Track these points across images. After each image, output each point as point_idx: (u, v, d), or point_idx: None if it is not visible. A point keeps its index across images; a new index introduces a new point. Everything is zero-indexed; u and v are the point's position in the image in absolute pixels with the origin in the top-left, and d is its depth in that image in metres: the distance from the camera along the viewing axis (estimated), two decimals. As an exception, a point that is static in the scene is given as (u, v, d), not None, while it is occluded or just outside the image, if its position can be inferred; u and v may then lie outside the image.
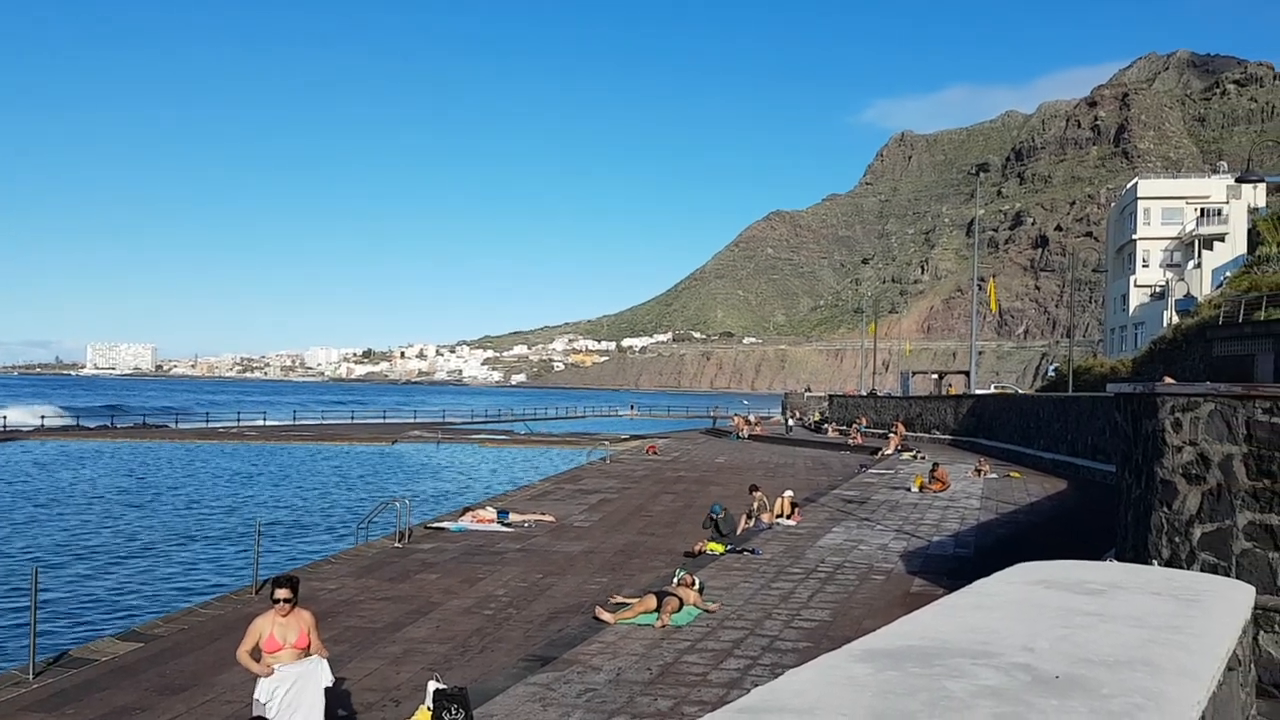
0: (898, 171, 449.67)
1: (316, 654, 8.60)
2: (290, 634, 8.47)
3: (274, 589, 8.63)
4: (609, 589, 15.66)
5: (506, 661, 11.65)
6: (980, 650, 4.47)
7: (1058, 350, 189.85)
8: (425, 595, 15.55)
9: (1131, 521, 10.53)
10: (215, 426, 76.67)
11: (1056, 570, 7.00)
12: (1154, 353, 49.67)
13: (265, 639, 8.41)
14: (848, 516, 22.91)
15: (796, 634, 12.28)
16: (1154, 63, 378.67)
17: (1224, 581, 7.81)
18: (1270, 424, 8.91)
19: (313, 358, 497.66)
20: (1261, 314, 39.53)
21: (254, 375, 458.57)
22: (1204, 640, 5.01)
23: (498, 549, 19.75)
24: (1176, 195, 73.17)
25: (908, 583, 15.51)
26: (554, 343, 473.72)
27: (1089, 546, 14.68)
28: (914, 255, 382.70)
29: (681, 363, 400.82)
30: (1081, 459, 32.45)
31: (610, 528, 22.86)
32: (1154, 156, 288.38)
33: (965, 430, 48.90)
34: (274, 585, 8.70)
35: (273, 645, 8.40)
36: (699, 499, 27.07)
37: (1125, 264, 76.03)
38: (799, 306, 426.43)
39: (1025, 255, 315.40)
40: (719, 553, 18.13)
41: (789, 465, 39.36)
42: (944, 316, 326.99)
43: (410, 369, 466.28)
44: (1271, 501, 8.90)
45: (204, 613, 14.94)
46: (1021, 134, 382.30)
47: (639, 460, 41.49)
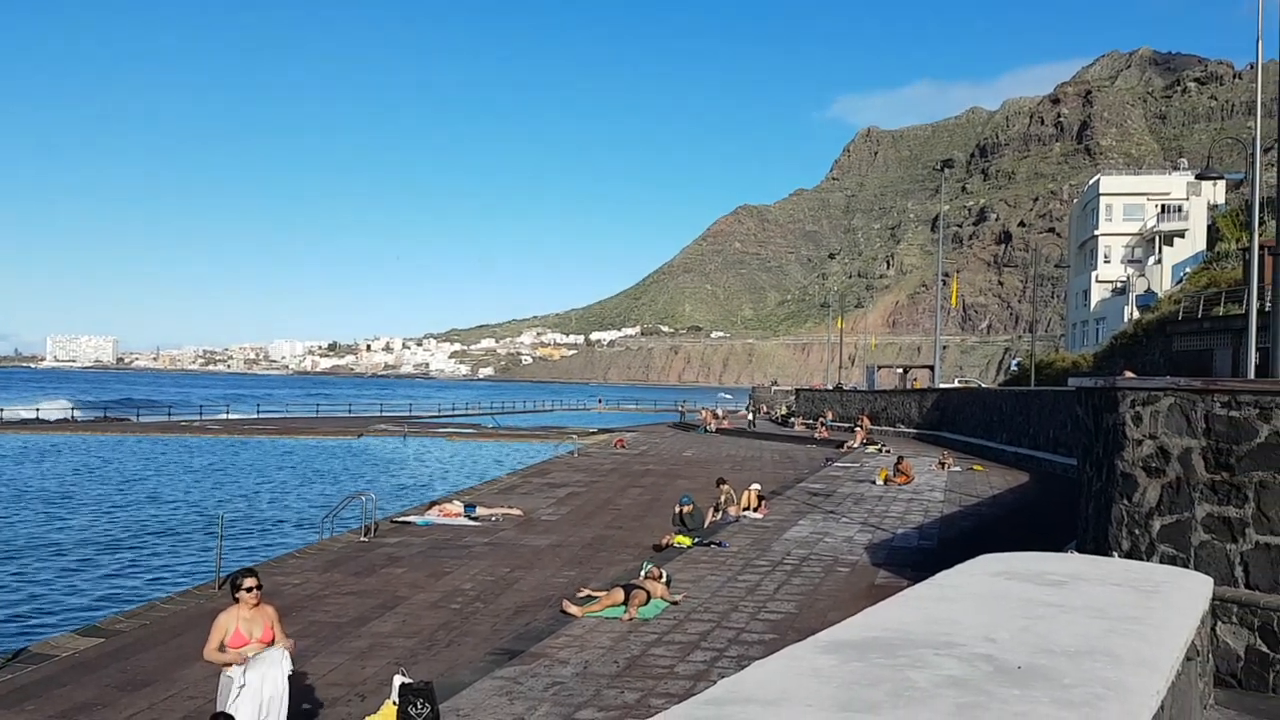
0: (864, 167, 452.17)
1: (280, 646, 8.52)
2: (256, 629, 8.40)
3: (240, 580, 8.53)
4: (576, 582, 15.65)
5: (473, 655, 11.61)
6: (943, 641, 4.51)
7: (1020, 345, 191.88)
8: (391, 589, 15.46)
9: (1092, 514, 10.67)
10: (178, 420, 75.75)
11: (1018, 562, 7.09)
12: (1115, 347, 50.39)
13: (231, 635, 8.31)
14: (814, 509, 23.05)
15: (763, 626, 12.34)
16: (1116, 60, 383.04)
17: (1183, 573, 7.95)
18: (1228, 418, 9.06)
19: (277, 350, 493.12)
20: (1220, 309, 40.19)
21: (217, 368, 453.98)
22: (1163, 631, 5.09)
23: (464, 543, 19.67)
24: (1138, 192, 74.16)
25: (872, 575, 15.64)
26: (522, 336, 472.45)
27: (1050, 539, 14.87)
28: (880, 250, 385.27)
29: (650, 356, 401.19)
30: (1043, 452, 32.85)
31: (578, 521, 22.85)
32: (1116, 153, 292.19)
33: (929, 424, 49.34)
34: (241, 577, 8.59)
35: (239, 640, 8.31)
36: (667, 492, 27.11)
37: (1087, 260, 76.98)
38: (766, 301, 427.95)
39: (989, 251, 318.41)
40: (686, 546, 18.17)
41: (756, 458, 39.52)
42: (909, 311, 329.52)
43: (376, 362, 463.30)
44: (1229, 494, 9.05)
45: (166, 608, 14.76)
46: (986, 130, 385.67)
47: (607, 454, 41.49)
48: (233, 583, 8.64)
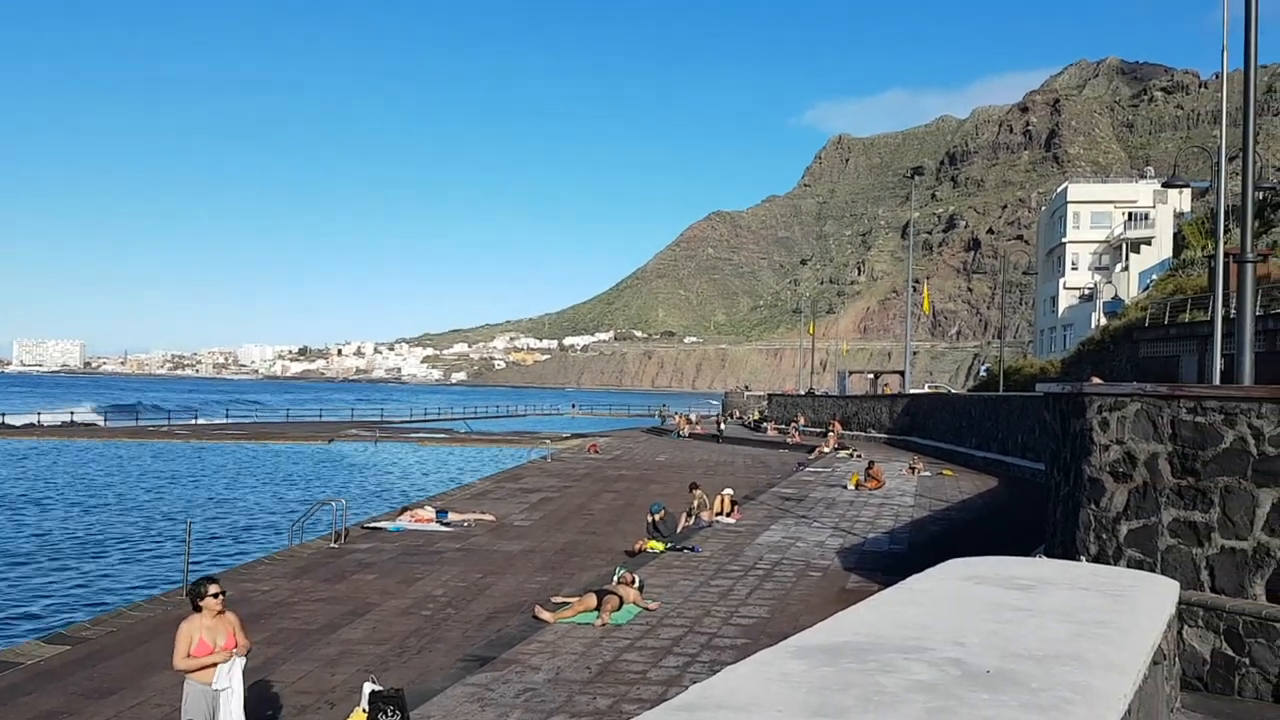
0: (835, 174, 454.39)
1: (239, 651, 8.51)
2: (220, 637, 8.35)
3: (204, 589, 8.46)
4: (549, 588, 15.62)
5: (444, 662, 11.56)
6: (913, 645, 4.54)
7: (989, 351, 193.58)
8: (361, 596, 15.36)
9: (1060, 518, 10.77)
10: (145, 425, 74.90)
11: (987, 566, 7.15)
12: (1082, 353, 50.90)
13: (196, 644, 8.24)
14: (786, 514, 23.13)
15: (735, 631, 12.36)
16: (1084, 69, 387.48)
17: (1149, 577, 8.04)
18: (1194, 423, 9.18)
19: (246, 355, 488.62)
20: (1186, 316, 40.70)
21: (185, 373, 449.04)
22: (1130, 635, 5.15)
23: (436, 549, 19.58)
24: (1105, 200, 75.02)
25: (844, 579, 15.71)
26: (495, 341, 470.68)
27: (1019, 543, 15.00)
28: (851, 257, 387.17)
29: (623, 361, 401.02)
30: (1012, 457, 33.13)
31: (551, 526, 22.80)
32: (1084, 161, 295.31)
33: (900, 429, 49.63)
34: (204, 585, 8.52)
35: (203, 649, 8.24)
36: (640, 497, 27.11)
37: (1055, 267, 77.76)
38: (739, 306, 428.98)
39: (958, 258, 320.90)
40: (659, 551, 18.18)
41: (729, 463, 39.60)
42: (880, 317, 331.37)
43: (348, 367, 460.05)
44: (1195, 499, 9.17)
45: (133, 615, 14.59)
46: (955, 138, 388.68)
47: (580, 459, 41.44)
48: (195, 591, 8.54)
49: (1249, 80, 13.47)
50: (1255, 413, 8.82)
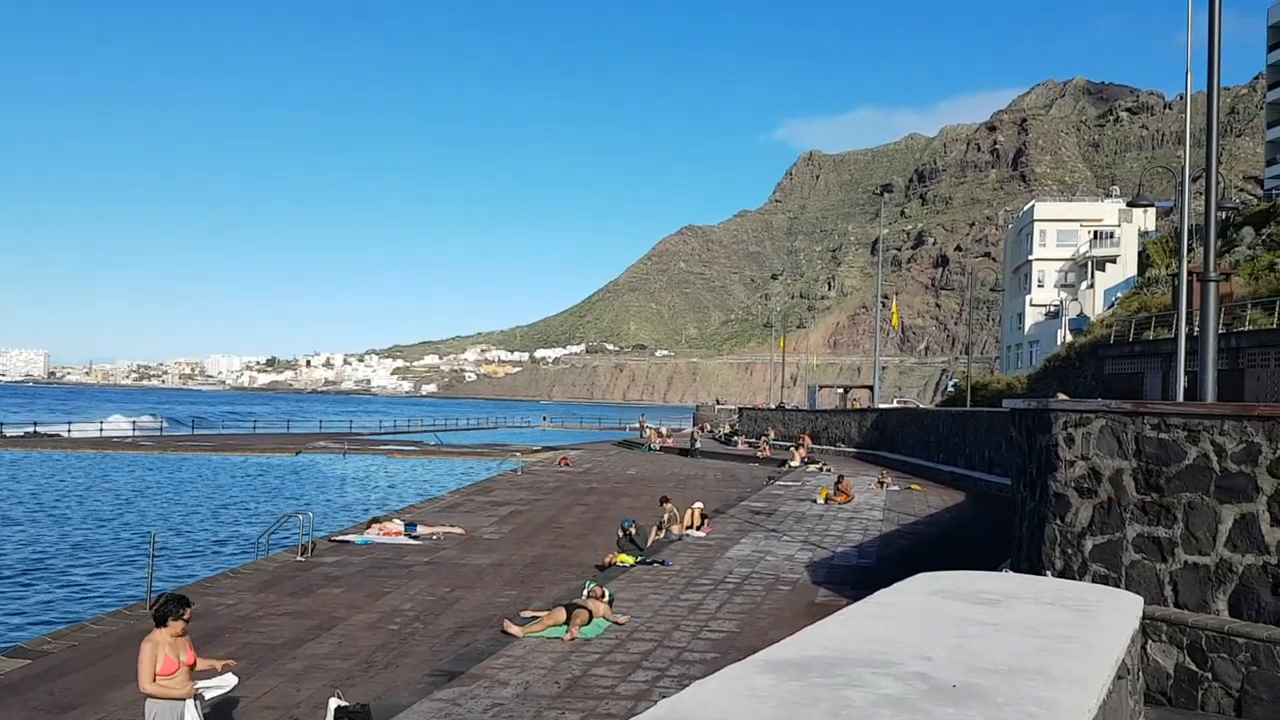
0: (806, 190, 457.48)
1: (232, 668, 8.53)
2: (182, 653, 8.30)
3: (181, 610, 8.40)
4: (518, 602, 15.55)
5: (412, 677, 11.47)
6: (880, 660, 4.56)
7: (957, 366, 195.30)
8: (328, 610, 15.21)
9: (1026, 533, 10.87)
10: (110, 436, 73.88)
11: (954, 581, 7.19)
12: (1048, 370, 51.47)
13: (161, 662, 8.16)
14: (756, 528, 23.17)
15: (704, 645, 12.36)
16: (1051, 89, 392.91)
17: (1114, 592, 8.12)
18: (1158, 439, 9.30)
19: (213, 365, 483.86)
20: (1150, 334, 41.27)
21: (151, 383, 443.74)
22: (1095, 649, 5.20)
23: (404, 562, 19.44)
24: (1071, 218, 76.03)
25: (813, 593, 15.75)
26: (466, 353, 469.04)
27: (986, 557, 15.11)
28: (821, 272, 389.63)
29: (595, 374, 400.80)
30: (979, 472, 33.39)
31: (520, 540, 22.70)
32: (1050, 180, 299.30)
33: (869, 443, 49.90)
34: (177, 605, 8.45)
35: (170, 666, 8.16)
36: (610, 510, 27.06)
37: (1022, 284, 78.64)
38: (710, 320, 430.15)
39: (927, 274, 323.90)
40: (629, 564, 18.15)
41: (699, 477, 39.63)
42: (850, 332, 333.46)
43: (316, 378, 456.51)
44: (1159, 515, 9.28)
45: (95, 629, 14.37)
46: (924, 156, 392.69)
47: (551, 472, 41.32)
48: (168, 610, 8.45)
49: (1212, 102, 13.72)
50: (1218, 430, 8.96)
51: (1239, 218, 54.73)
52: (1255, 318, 35.30)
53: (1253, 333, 33.48)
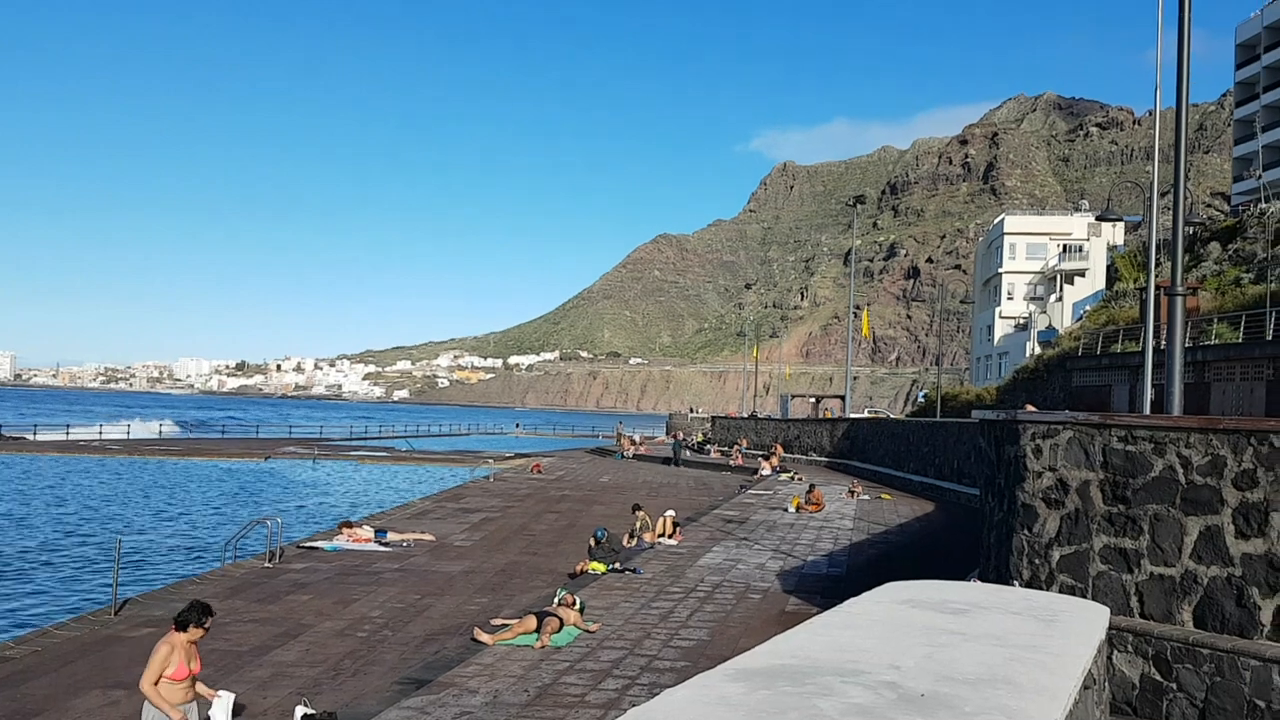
0: (780, 200, 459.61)
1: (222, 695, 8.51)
2: (193, 661, 8.32)
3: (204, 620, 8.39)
4: (489, 610, 15.48)
5: (380, 685, 11.38)
6: (850, 669, 4.58)
7: (927, 377, 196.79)
8: (296, 617, 15.08)
9: (994, 543, 10.95)
10: (76, 439, 72.93)
11: (922, 590, 7.24)
12: (1017, 381, 51.94)
13: (175, 667, 8.12)
14: (727, 536, 23.20)
15: (675, 653, 12.35)
16: (1022, 104, 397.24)
17: (1081, 603, 8.20)
18: (1125, 452, 9.40)
19: (182, 369, 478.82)
20: (1118, 346, 41.75)
21: (119, 386, 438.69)
22: (1062, 660, 5.24)
23: (374, 569, 19.30)
24: (1041, 231, 76.83)
25: (783, 601, 15.79)
26: (439, 359, 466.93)
27: (954, 566, 15.21)
28: (794, 282, 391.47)
29: (568, 381, 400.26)
30: (948, 482, 33.63)
31: (492, 547, 22.61)
32: (1020, 194, 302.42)
33: (840, 453, 50.14)
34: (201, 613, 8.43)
35: (181, 673, 8.20)
36: (583, 518, 27.02)
37: (991, 296, 79.35)
38: (684, 328, 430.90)
39: (898, 285, 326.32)
40: (601, 572, 18.12)
41: (672, 485, 39.64)
42: (822, 342, 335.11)
43: (286, 383, 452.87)
44: (1125, 526, 9.38)
45: (59, 634, 14.16)
46: (897, 169, 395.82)
47: (523, 479, 41.20)
48: (191, 617, 8.40)
49: (1181, 118, 13.92)
50: (1184, 442, 9.07)
51: (1206, 233, 55.51)
52: (1221, 332, 35.82)
53: (1219, 347, 33.96)
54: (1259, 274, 40.96)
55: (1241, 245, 48.83)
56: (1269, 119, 75.19)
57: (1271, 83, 75.19)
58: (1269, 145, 73.96)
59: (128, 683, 11.75)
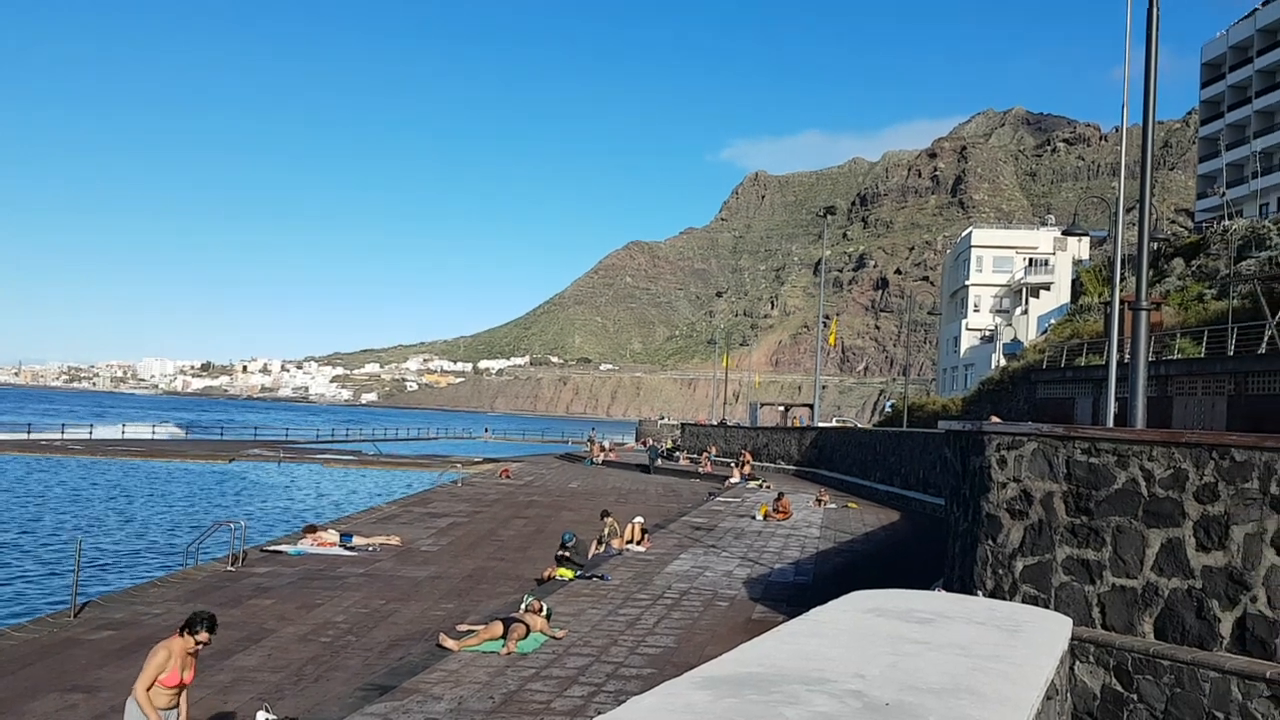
0: (751, 210, 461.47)
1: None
2: (186, 669, 8.21)
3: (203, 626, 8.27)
4: (455, 615, 15.39)
5: (342, 691, 11.28)
6: (815, 677, 4.60)
7: (895, 387, 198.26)
8: (258, 621, 14.92)
9: (959, 552, 11.03)
10: (37, 439, 71.80)
11: (888, 599, 7.28)
12: (983, 393, 52.42)
13: (168, 672, 8.02)
14: (696, 543, 23.22)
15: (641, 660, 12.33)
16: (991, 119, 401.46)
17: (1043, 613, 8.28)
18: (1088, 464, 9.51)
19: (146, 369, 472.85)
20: (1082, 360, 42.24)
21: (82, 386, 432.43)
22: (1025, 670, 5.29)
23: (339, 573, 19.14)
24: (1007, 245, 77.67)
25: (750, 609, 15.82)
26: (408, 362, 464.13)
27: (920, 575, 15.31)
28: (765, 291, 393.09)
29: (538, 387, 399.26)
30: (914, 492, 33.85)
31: (459, 552, 22.49)
32: (988, 207, 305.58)
33: (808, 461, 50.33)
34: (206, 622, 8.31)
35: (174, 679, 8.11)
36: (551, 524, 26.95)
37: (958, 308, 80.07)
38: (655, 335, 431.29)
39: (867, 296, 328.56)
40: (569, 578, 18.07)
41: (641, 491, 39.62)
42: (791, 351, 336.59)
43: (252, 384, 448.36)
44: (1088, 537, 9.48)
45: (16, 636, 13.93)
46: (867, 180, 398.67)
47: (492, 484, 41.03)
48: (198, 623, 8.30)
49: (1147, 135, 14.12)
50: (1147, 455, 9.18)
51: (1170, 249, 56.33)
52: (1184, 347, 36.33)
53: (1182, 361, 34.44)
54: (1221, 290, 41.61)
55: (1205, 261, 49.59)
56: (1233, 137, 76.48)
57: (1236, 101, 76.51)
58: (1232, 163, 75.22)
59: (86, 685, 11.59)
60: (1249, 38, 75.22)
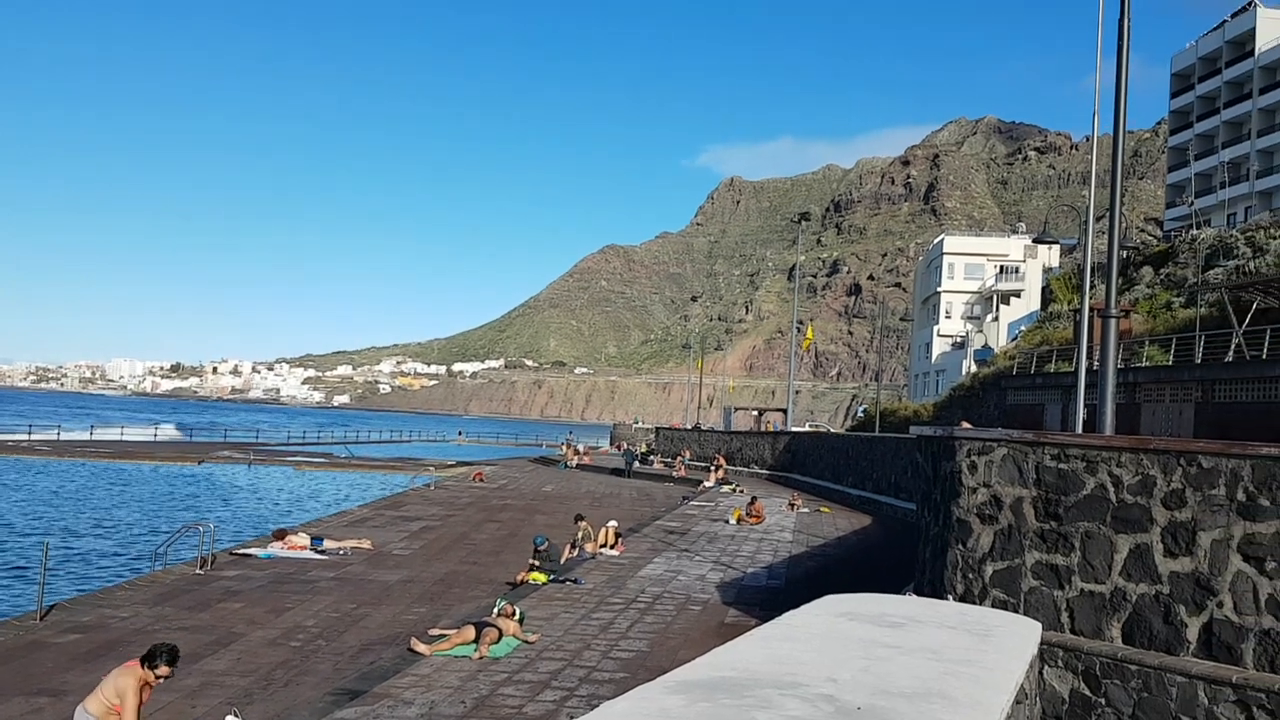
0: (726, 215, 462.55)
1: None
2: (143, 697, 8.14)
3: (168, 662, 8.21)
4: (427, 619, 15.31)
5: (312, 695, 11.19)
6: (788, 681, 4.61)
7: (867, 393, 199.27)
8: (227, 625, 14.78)
9: (930, 557, 11.10)
10: (4, 439, 70.78)
11: (859, 603, 7.31)
12: (954, 398, 52.79)
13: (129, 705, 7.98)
14: (669, 547, 23.22)
15: (614, 665, 12.32)
16: (963, 127, 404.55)
17: (1013, 617, 8.35)
18: (1057, 469, 9.60)
19: (115, 370, 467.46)
20: (1051, 366, 42.64)
21: (50, 386, 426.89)
22: (995, 674, 5.33)
23: (309, 577, 19.00)
24: (979, 252, 78.35)
25: (723, 613, 15.84)
26: (381, 364, 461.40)
27: (891, 579, 15.38)
28: (739, 295, 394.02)
29: (513, 390, 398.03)
30: (885, 496, 34.02)
31: (431, 556, 22.38)
32: (960, 215, 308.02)
33: (781, 466, 50.47)
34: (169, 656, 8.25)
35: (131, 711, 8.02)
36: (524, 528, 26.86)
37: (930, 314, 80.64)
38: (630, 339, 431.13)
39: (840, 302, 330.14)
40: (542, 582, 18.03)
41: (615, 495, 39.58)
42: (765, 356, 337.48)
43: (223, 385, 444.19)
44: (1057, 542, 9.57)
45: (-24, 642, 13.72)
46: (840, 187, 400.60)
47: (465, 487, 40.85)
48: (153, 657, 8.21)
49: (1117, 145, 14.28)
50: (1115, 462, 9.28)
51: (1139, 257, 56.95)
52: (1152, 354, 36.75)
53: (1150, 369, 34.83)
54: (1189, 298, 42.12)
55: (1173, 270, 50.19)
56: (1202, 147, 77.52)
57: (1205, 112, 77.56)
58: (1201, 173, 76.24)
59: (52, 689, 11.44)
60: (1218, 49, 76.32)
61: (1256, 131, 71.51)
